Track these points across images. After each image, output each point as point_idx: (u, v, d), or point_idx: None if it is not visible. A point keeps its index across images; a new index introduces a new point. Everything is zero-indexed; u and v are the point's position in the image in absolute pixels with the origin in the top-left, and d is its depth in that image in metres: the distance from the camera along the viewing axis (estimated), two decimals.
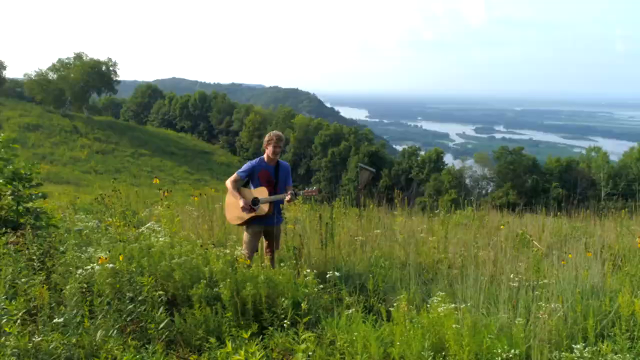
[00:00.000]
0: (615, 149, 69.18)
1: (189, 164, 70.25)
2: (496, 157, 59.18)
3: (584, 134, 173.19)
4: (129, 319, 3.93)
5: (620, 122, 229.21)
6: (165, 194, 5.34)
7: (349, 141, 70.77)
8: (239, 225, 5.92)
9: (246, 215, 5.70)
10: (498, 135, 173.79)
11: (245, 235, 5.83)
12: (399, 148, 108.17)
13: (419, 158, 64.47)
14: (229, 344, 3.23)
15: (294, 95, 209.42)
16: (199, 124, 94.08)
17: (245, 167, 5.92)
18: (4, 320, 3.73)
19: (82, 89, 74.36)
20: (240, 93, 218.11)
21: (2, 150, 5.73)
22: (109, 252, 4.36)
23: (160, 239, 4.73)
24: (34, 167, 5.79)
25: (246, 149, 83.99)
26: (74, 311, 4.16)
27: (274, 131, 5.91)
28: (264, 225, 5.80)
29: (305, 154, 76.11)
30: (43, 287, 4.26)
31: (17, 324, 3.74)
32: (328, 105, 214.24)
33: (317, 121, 79.27)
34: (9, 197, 5.68)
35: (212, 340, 3.66)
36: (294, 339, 3.83)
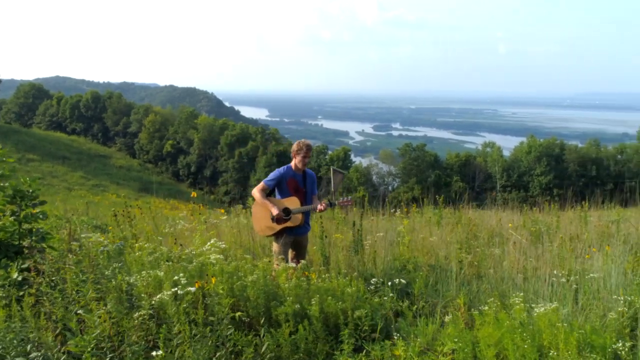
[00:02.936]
0: (503, 144, 75.15)
1: (84, 168, 65.70)
2: (401, 154, 61.90)
3: (473, 130, 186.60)
4: (222, 344, 3.65)
5: (505, 118, 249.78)
6: (201, 207, 5.01)
7: (256, 141, 70.26)
8: (269, 236, 5.72)
9: (277, 226, 5.52)
10: (395, 133, 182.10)
11: (275, 246, 5.64)
12: None
13: (327, 157, 65.64)
14: None
15: (192, 94, 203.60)
16: (93, 126, 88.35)
17: (272, 175, 5.72)
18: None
19: None
20: (133, 92, 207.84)
21: None
22: (183, 274, 3.99)
23: (218, 256, 4.42)
24: (34, 183, 5.15)
25: (146, 151, 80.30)
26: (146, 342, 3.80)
27: (304, 140, 5.73)
28: (294, 235, 5.65)
29: (211, 155, 74.33)
30: (100, 317, 3.83)
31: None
32: (227, 104, 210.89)
33: (222, 121, 77.74)
34: (10, 218, 5.01)
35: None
36: (383, 350, 3.79)
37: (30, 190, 5.10)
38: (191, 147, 75.10)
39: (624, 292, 4.35)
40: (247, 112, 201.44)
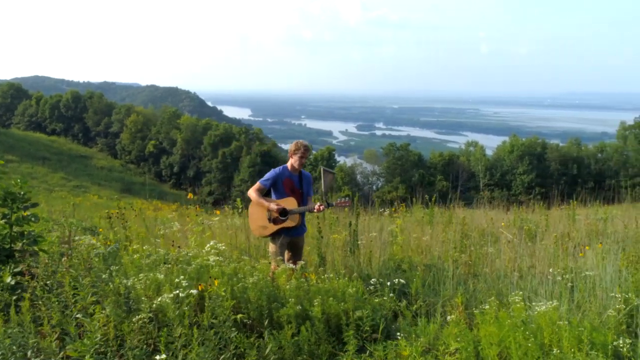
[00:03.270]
0: (485, 143, 75.95)
1: (64, 169, 64.75)
2: (385, 153, 62.19)
3: (456, 129, 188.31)
4: (225, 347, 3.61)
5: (487, 117, 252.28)
6: (198, 208, 4.96)
7: (240, 141, 69.92)
8: (266, 236, 5.68)
9: (274, 227, 5.49)
10: (378, 132, 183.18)
11: (271, 247, 5.61)
12: (285, 147, 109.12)
13: (311, 156, 65.64)
14: None
15: (174, 94, 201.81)
16: (73, 126, 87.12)
17: (268, 175, 5.68)
18: None
19: None
20: (114, 92, 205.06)
21: None
22: (183, 277, 3.95)
23: (217, 257, 4.37)
24: (25, 185, 5.04)
25: (128, 151, 79.46)
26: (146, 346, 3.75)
27: (302, 141, 5.70)
28: (291, 236, 5.62)
29: (194, 155, 73.78)
30: (99, 321, 3.77)
31: None
32: (210, 104, 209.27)
33: (205, 121, 77.24)
34: (1, 221, 4.90)
35: None
36: (386, 350, 3.79)
37: (22, 193, 5.00)
38: (174, 148, 74.50)
39: (620, 289, 4.41)
40: (230, 112, 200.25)
